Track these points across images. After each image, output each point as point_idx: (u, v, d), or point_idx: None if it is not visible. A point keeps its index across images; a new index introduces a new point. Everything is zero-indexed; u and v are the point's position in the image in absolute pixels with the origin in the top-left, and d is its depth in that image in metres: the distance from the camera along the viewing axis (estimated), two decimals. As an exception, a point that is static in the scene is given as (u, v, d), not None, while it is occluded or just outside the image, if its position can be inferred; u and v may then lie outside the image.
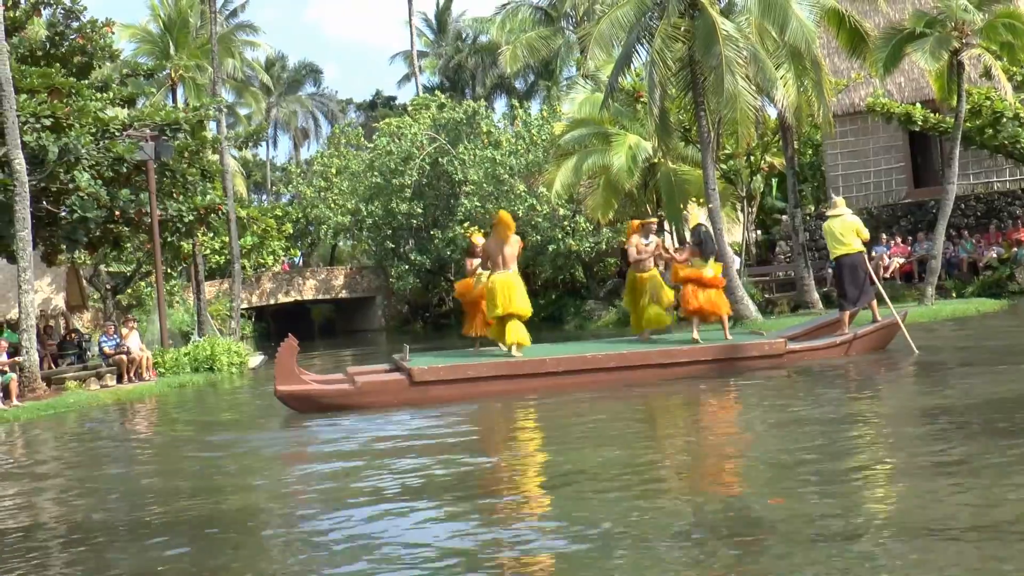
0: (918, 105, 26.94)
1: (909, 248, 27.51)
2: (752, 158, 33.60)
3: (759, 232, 39.00)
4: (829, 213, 17.09)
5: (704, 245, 16.28)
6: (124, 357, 23.32)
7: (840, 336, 16.33)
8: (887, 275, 26.78)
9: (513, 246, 15.86)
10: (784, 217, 33.11)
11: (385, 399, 14.29)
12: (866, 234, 16.87)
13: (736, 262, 27.13)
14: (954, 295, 25.21)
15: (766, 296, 27.47)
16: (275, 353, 15.03)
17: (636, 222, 17.29)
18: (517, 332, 15.63)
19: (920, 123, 26.51)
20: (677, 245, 36.39)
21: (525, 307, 15.86)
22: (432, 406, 14.05)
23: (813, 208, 36.02)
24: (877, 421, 10.61)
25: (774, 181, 39.32)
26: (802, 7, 24.04)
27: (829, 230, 16.76)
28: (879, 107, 26.82)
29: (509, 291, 15.65)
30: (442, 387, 14.50)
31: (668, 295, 16.78)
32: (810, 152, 37.94)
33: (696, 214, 17.78)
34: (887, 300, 17.41)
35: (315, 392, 14.41)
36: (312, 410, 14.14)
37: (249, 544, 7.54)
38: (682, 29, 23.41)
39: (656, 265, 17.14)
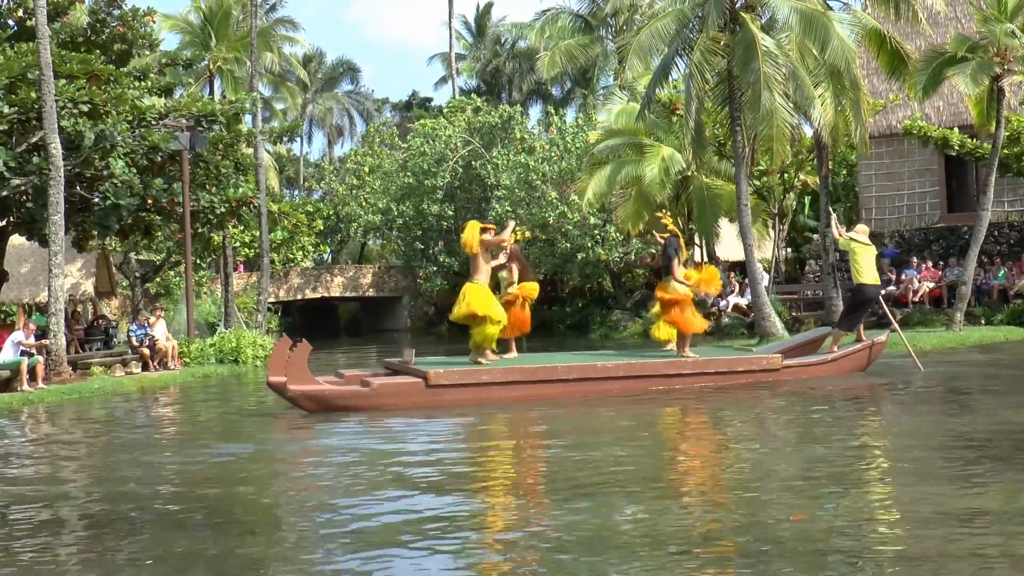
0: (956, 129, 26.74)
1: (940, 273, 27.31)
2: (786, 175, 33.46)
3: (789, 250, 38.83)
4: (860, 239, 17.18)
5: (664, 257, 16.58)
6: (146, 351, 23.47)
7: (830, 354, 16.73)
8: (916, 299, 26.61)
9: None
10: (815, 236, 32.96)
11: (400, 402, 14.29)
12: None
13: (765, 279, 27.01)
14: (983, 322, 25.00)
15: (793, 314, 27.36)
16: (282, 347, 15.19)
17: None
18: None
19: (957, 148, 26.31)
20: (706, 260, 36.33)
21: None
22: (447, 410, 14.09)
23: (845, 229, 35.81)
24: (902, 443, 10.51)
25: (807, 199, 39.13)
26: (843, 26, 23.93)
27: (862, 256, 16.85)
28: (916, 130, 26.64)
29: None
30: (457, 391, 14.53)
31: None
32: (844, 172, 37.75)
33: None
34: (897, 327, 18.12)
35: (330, 393, 14.36)
36: (326, 411, 14.09)
37: (264, 535, 7.54)
38: (722, 43, 23.34)
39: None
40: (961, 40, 23.84)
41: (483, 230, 15.84)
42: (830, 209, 20.27)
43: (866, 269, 16.80)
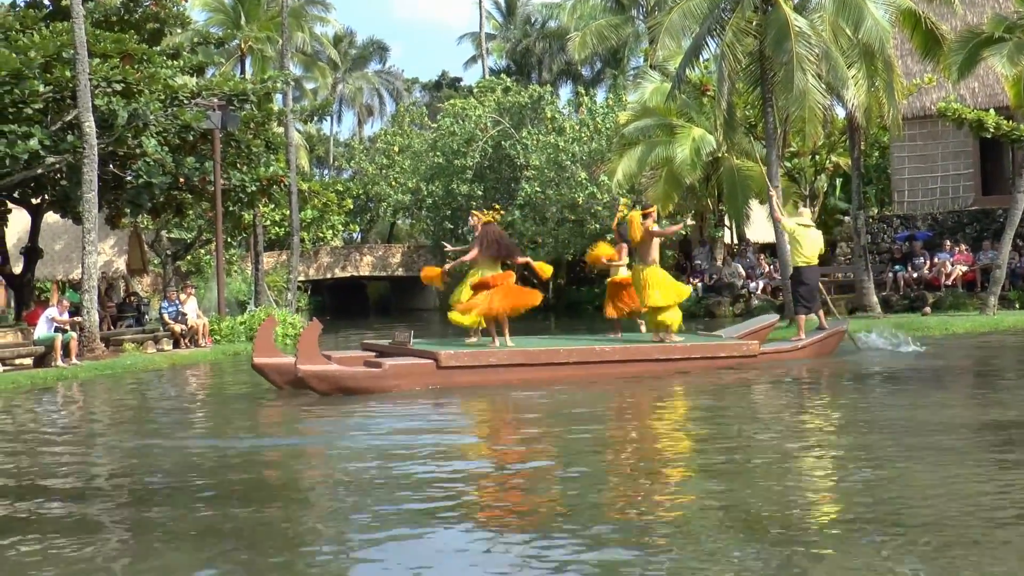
0: (991, 111, 26.49)
1: (973, 256, 27.12)
2: (817, 157, 33.28)
3: (820, 232, 38.62)
4: (801, 222, 18.03)
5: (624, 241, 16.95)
6: (177, 328, 23.71)
7: (800, 340, 17.31)
8: (949, 282, 26.43)
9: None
10: (846, 218, 32.78)
11: (411, 383, 14.32)
12: (822, 251, 18.42)
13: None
14: (1017, 306, 24.83)
15: (823, 297, 27.19)
16: (268, 328, 15.53)
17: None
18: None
19: (992, 130, 26.06)
20: (735, 241, 36.21)
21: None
22: (456, 391, 14.21)
23: (876, 211, 35.63)
24: (933, 426, 10.45)
25: (838, 181, 38.96)
26: (877, 6, 23.71)
27: (803, 238, 17.58)
28: (950, 112, 26.40)
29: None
30: (466, 373, 14.64)
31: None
32: (877, 154, 37.51)
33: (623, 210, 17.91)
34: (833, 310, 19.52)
35: (341, 374, 14.25)
36: (336, 392, 13.99)
37: (295, 511, 7.59)
38: (754, 23, 23.21)
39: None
40: (998, 20, 23.61)
41: (645, 215, 16.33)
42: (771, 190, 20.88)
43: (807, 252, 17.51)
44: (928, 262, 27.18)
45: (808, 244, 17.51)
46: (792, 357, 16.91)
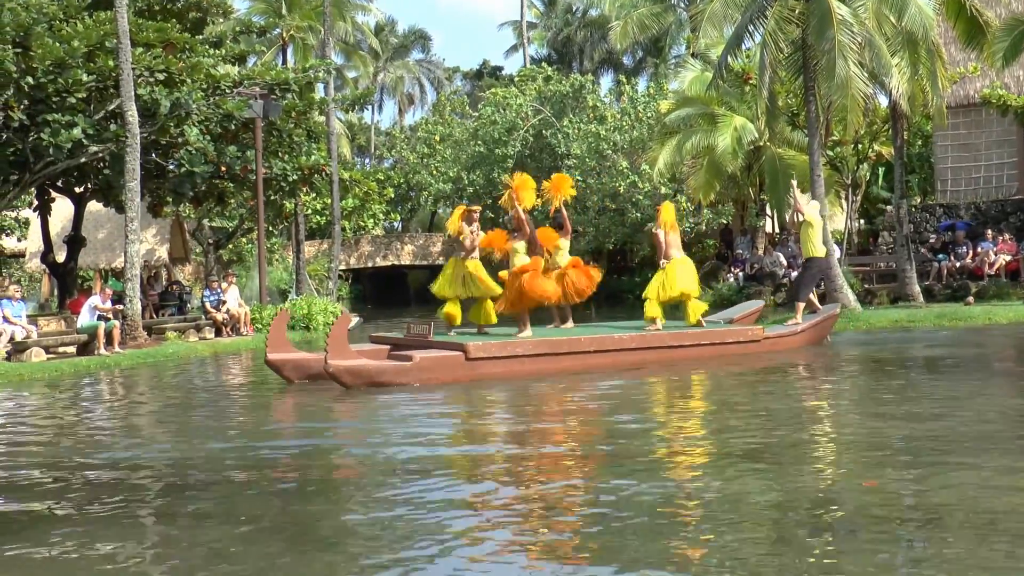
0: (1036, 100, 26.18)
1: (1016, 245, 26.80)
2: (859, 146, 33.02)
3: (862, 221, 38.33)
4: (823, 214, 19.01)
5: (562, 228, 17.73)
6: (219, 317, 23.94)
7: (798, 325, 18.00)
8: (992, 272, 26.15)
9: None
10: (888, 208, 32.50)
11: (440, 375, 14.34)
12: None
13: (837, 251, 26.70)
14: (1061, 296, 24.54)
15: (865, 286, 27.00)
16: (280, 322, 15.57)
17: (462, 207, 17.68)
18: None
19: (1038, 118, 25.76)
20: (777, 231, 35.99)
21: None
22: (485, 382, 14.25)
23: (919, 200, 35.31)
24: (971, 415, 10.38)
25: (880, 170, 38.63)
26: (922, -7, 23.47)
27: (819, 230, 18.57)
28: (996, 99, 26.09)
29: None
30: (493, 364, 14.70)
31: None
32: (919, 143, 37.16)
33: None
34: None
35: (372, 368, 14.23)
36: (365, 385, 13.95)
37: (333, 501, 7.64)
38: (796, 11, 23.03)
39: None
40: (1044, 8, 23.30)
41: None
42: (792, 182, 21.07)
43: (820, 242, 18.50)
44: (971, 251, 26.89)
45: (820, 235, 18.53)
46: (792, 343, 17.59)
